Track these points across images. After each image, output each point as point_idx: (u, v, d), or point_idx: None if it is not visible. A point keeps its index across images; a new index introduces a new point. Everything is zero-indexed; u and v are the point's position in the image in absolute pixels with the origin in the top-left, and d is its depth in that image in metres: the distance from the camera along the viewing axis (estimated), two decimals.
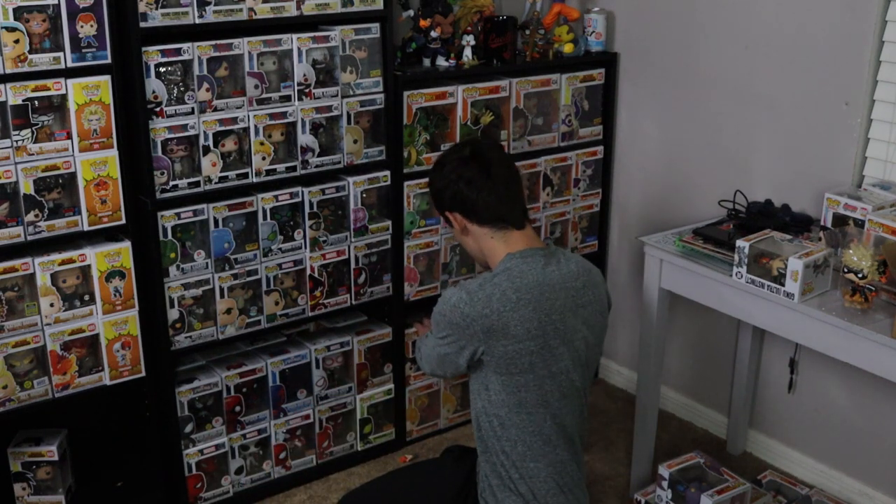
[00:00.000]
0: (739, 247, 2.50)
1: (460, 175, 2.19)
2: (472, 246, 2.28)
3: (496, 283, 2.11)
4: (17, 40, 2.34)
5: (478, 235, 2.23)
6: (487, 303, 2.08)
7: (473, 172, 2.19)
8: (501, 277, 2.13)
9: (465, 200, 2.20)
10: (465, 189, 2.18)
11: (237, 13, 2.62)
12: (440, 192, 2.25)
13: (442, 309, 2.15)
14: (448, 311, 2.13)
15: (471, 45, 3.11)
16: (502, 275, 2.13)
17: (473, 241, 2.25)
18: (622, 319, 3.68)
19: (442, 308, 2.15)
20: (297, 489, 3.11)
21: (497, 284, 2.11)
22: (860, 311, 2.34)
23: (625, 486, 3.11)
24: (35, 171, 2.44)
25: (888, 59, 2.67)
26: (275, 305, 2.90)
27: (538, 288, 2.12)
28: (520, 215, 2.23)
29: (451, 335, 2.14)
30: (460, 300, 2.10)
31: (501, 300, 2.08)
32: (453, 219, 2.25)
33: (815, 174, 2.87)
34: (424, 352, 2.27)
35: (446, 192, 2.22)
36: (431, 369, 2.27)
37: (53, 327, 2.56)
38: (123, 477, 2.99)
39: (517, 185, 2.25)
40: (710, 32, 3.12)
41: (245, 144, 2.73)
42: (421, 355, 2.31)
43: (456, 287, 2.16)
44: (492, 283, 2.12)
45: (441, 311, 2.16)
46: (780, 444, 3.22)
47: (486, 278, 2.14)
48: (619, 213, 3.61)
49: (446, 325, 2.14)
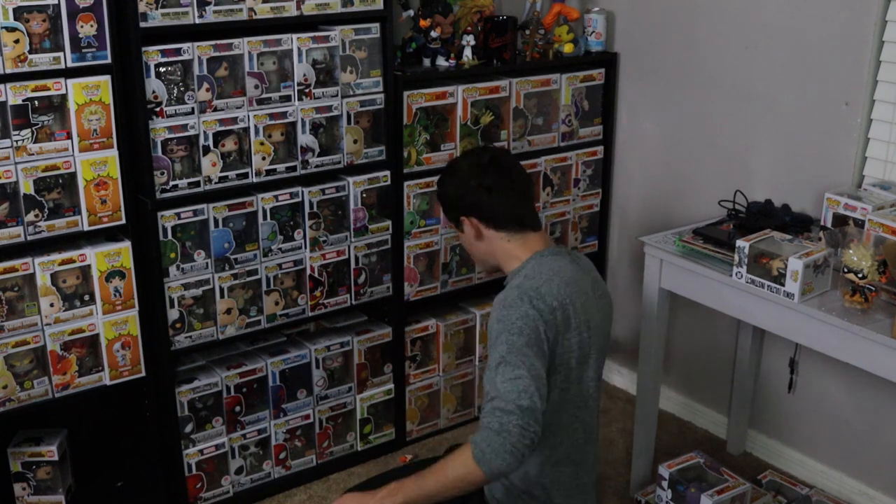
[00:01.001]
0: (739, 247, 2.50)
1: (481, 182, 2.20)
2: (481, 249, 2.27)
3: (548, 279, 2.09)
4: (17, 40, 2.34)
5: (492, 239, 2.22)
6: (554, 295, 2.06)
7: (494, 178, 2.20)
8: (546, 272, 2.11)
9: (484, 206, 2.20)
10: (485, 195, 2.19)
11: (237, 13, 2.62)
12: (458, 198, 2.24)
13: (518, 312, 2.01)
14: (527, 308, 2.01)
15: (471, 45, 3.11)
16: (545, 270, 2.12)
17: (486, 244, 2.24)
18: (622, 319, 3.68)
19: (517, 311, 2.01)
20: (297, 489, 3.11)
21: (549, 279, 2.09)
22: (860, 311, 2.34)
23: (625, 486, 3.11)
24: (35, 171, 2.44)
25: (888, 59, 2.67)
26: (275, 305, 2.90)
27: (576, 283, 2.14)
28: (536, 216, 2.27)
29: (533, 333, 2.00)
30: (531, 298, 2.03)
31: (561, 293, 2.07)
32: (469, 224, 2.23)
33: (815, 174, 2.87)
34: (511, 399, 1.91)
35: (466, 198, 2.22)
36: (530, 414, 1.90)
37: (53, 327, 2.56)
38: (123, 477, 3.00)
39: (532, 187, 2.31)
40: (710, 32, 3.12)
41: (245, 144, 2.73)
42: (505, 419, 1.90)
43: (509, 291, 2.07)
44: (543, 278, 2.09)
45: (518, 314, 2.01)
46: (780, 444, 3.22)
47: (534, 276, 2.10)
48: (619, 213, 3.61)
49: (529, 324, 2.00)
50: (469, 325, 3.36)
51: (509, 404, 1.90)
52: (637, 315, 3.19)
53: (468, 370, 3.42)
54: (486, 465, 1.88)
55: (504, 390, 1.92)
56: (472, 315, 3.37)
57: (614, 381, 3.76)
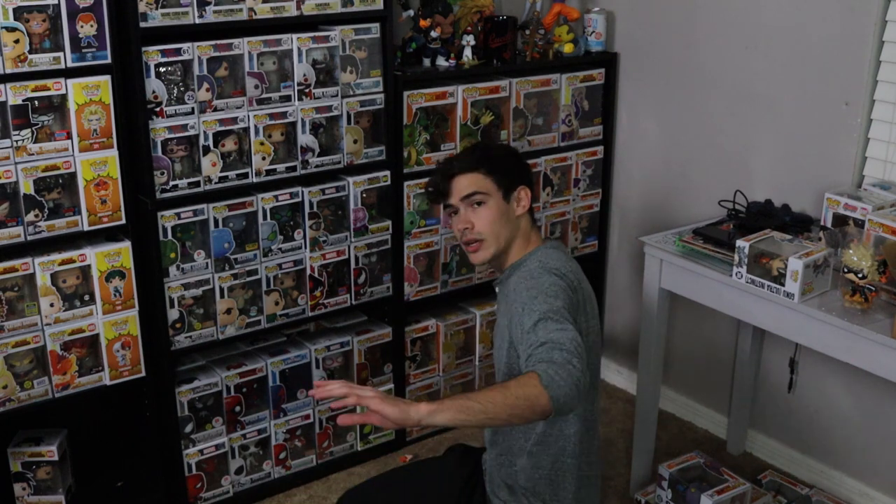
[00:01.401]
0: (739, 247, 2.50)
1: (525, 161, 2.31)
2: (510, 229, 2.22)
3: (563, 263, 2.12)
4: (17, 40, 2.34)
5: (525, 219, 2.25)
6: (573, 273, 2.10)
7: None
8: (556, 260, 2.13)
9: (531, 183, 2.27)
10: (530, 171, 2.29)
11: (237, 13, 2.62)
12: (519, 164, 2.29)
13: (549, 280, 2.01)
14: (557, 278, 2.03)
15: (471, 45, 3.11)
16: (554, 258, 2.14)
17: (515, 225, 2.23)
18: (622, 319, 3.68)
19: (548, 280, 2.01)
20: (297, 489, 3.11)
21: (564, 265, 2.11)
22: (860, 311, 2.34)
23: (625, 486, 3.11)
24: (35, 171, 2.44)
25: (888, 59, 2.67)
26: (275, 305, 2.90)
27: (581, 273, 2.17)
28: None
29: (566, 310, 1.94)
30: (557, 274, 2.05)
31: (576, 276, 2.11)
32: (525, 196, 2.24)
33: (815, 174, 2.87)
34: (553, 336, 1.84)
35: (526, 170, 2.29)
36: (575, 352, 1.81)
37: (53, 327, 2.56)
38: (123, 477, 2.99)
39: None
40: (710, 32, 3.12)
41: (245, 144, 2.73)
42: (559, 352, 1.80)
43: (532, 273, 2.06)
44: (558, 261, 2.12)
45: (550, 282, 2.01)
46: (780, 444, 3.22)
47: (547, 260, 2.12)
48: (619, 213, 3.61)
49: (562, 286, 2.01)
50: (469, 325, 3.36)
51: (565, 345, 1.81)
52: (637, 315, 3.19)
53: (468, 370, 3.42)
54: (554, 391, 1.72)
55: (556, 337, 1.83)
56: (472, 315, 3.37)
57: (614, 381, 3.76)
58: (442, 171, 2.29)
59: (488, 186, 2.21)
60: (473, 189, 2.20)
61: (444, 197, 2.26)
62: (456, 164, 2.26)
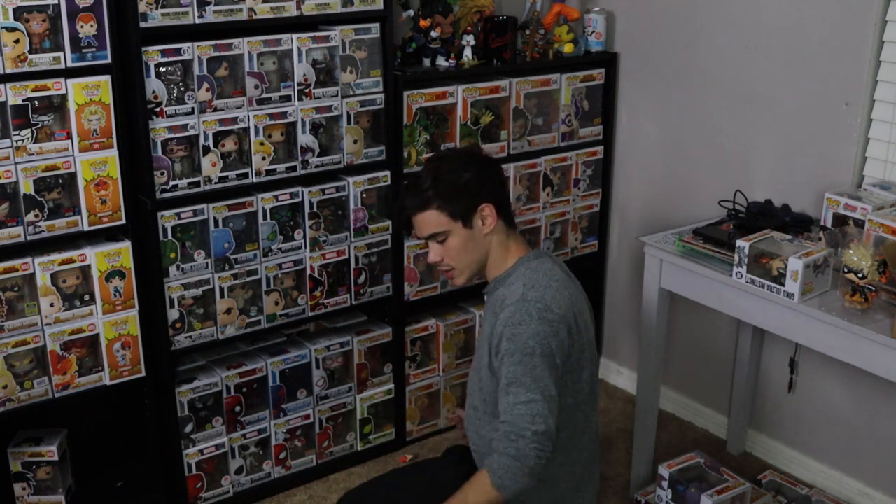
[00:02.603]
0: (739, 247, 2.50)
1: (491, 164, 2.17)
2: (479, 251, 2.16)
3: (547, 285, 2.07)
4: (17, 40, 2.34)
5: (496, 232, 2.15)
6: (560, 301, 2.05)
7: (496, 165, 2.19)
8: (543, 279, 2.08)
9: (499, 189, 2.16)
10: (497, 178, 2.15)
11: (237, 13, 2.62)
12: (475, 181, 2.11)
13: (529, 331, 2.00)
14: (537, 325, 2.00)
15: (471, 45, 3.11)
16: (541, 276, 2.09)
17: (485, 243, 2.15)
18: (622, 319, 3.68)
19: (528, 330, 2.00)
20: (297, 489, 3.11)
21: (548, 285, 2.07)
22: (860, 311, 2.34)
23: (625, 486, 3.11)
24: (35, 171, 2.44)
25: (888, 59, 2.67)
26: (275, 305, 2.90)
27: (570, 285, 2.15)
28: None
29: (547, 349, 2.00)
30: (540, 311, 2.01)
31: (564, 297, 2.07)
32: (489, 212, 2.12)
33: (815, 174, 2.87)
34: (526, 423, 1.95)
35: (486, 182, 2.12)
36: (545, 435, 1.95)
37: (53, 327, 2.56)
38: (123, 477, 2.99)
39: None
40: (710, 32, 3.12)
41: (245, 144, 2.73)
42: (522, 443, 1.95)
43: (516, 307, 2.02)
44: (543, 285, 2.07)
45: (530, 333, 2.00)
46: (780, 444, 3.22)
47: (533, 284, 2.07)
48: (619, 213, 3.61)
49: (542, 342, 2.00)
50: (469, 325, 3.36)
51: (524, 431, 1.94)
52: (637, 315, 3.19)
53: (468, 370, 3.40)
54: (505, 491, 1.96)
55: (517, 415, 1.96)
56: (472, 315, 3.37)
57: (614, 381, 3.76)
58: (398, 213, 2.24)
59: (444, 222, 2.11)
60: (431, 231, 2.13)
61: (412, 232, 2.21)
62: (408, 204, 2.15)
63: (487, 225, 2.13)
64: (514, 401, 1.97)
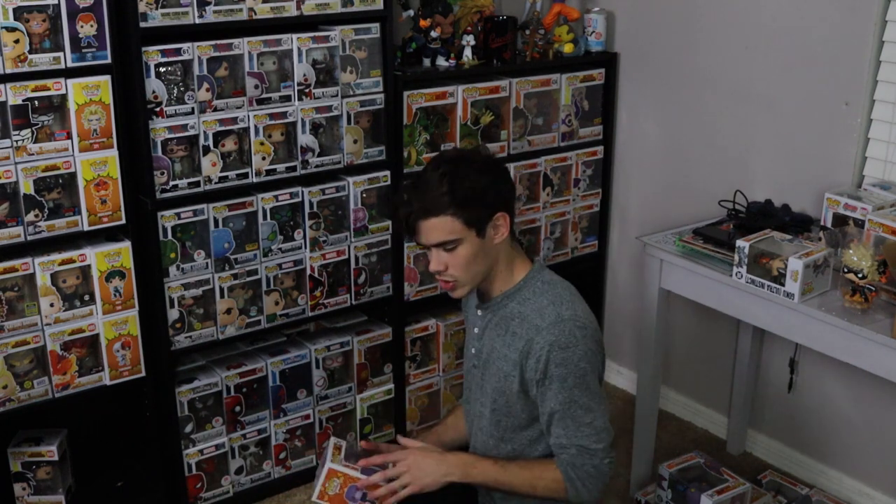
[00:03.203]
0: (739, 247, 2.50)
1: (505, 169, 2.06)
2: (488, 260, 2.04)
3: (572, 300, 2.04)
4: (17, 40, 2.34)
5: (505, 243, 2.04)
6: (591, 315, 2.05)
7: (508, 171, 2.10)
8: (565, 293, 2.05)
9: (512, 199, 2.07)
10: (510, 185, 2.06)
11: (237, 13, 2.62)
12: (492, 188, 1.98)
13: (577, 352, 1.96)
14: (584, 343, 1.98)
15: (471, 45, 3.11)
16: (561, 291, 2.05)
17: (495, 253, 2.04)
18: (622, 319, 3.68)
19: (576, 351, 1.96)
20: (297, 489, 3.11)
21: (573, 300, 2.03)
22: (860, 311, 2.34)
23: (625, 486, 3.11)
24: (35, 171, 2.44)
25: (888, 59, 2.67)
26: (275, 305, 2.90)
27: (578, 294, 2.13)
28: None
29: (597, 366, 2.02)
30: (580, 328, 1.98)
31: (587, 308, 2.07)
32: (504, 223, 2.01)
33: (815, 174, 2.87)
34: (596, 441, 2.00)
35: (502, 189, 2.00)
36: (612, 449, 2.04)
37: (53, 327, 2.56)
38: (123, 477, 2.99)
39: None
40: (710, 32, 3.12)
41: (245, 144, 2.73)
42: (596, 460, 2.01)
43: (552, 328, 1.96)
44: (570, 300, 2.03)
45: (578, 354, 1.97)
46: (780, 444, 3.22)
47: (560, 302, 2.01)
48: (619, 213, 3.61)
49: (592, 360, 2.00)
50: None
51: (596, 448, 2.01)
52: (637, 315, 3.19)
53: None
54: (576, 499, 2.03)
55: (585, 435, 2.00)
56: None
57: (614, 381, 3.76)
58: (405, 212, 2.00)
59: (459, 229, 1.96)
60: (442, 238, 1.97)
61: (413, 236, 2.04)
62: (416, 208, 1.97)
63: (500, 235, 2.02)
64: (577, 424, 2.00)
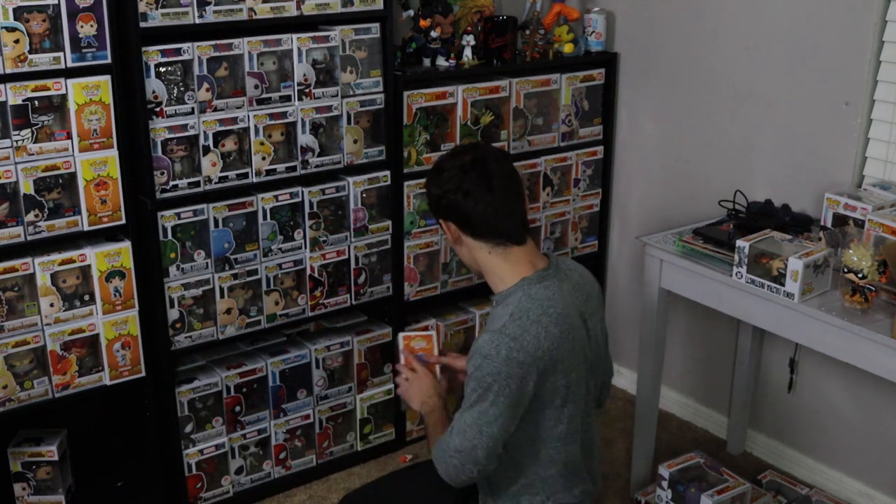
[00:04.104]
0: (739, 247, 2.50)
1: (458, 185, 2.03)
2: (465, 255, 2.14)
3: (536, 321, 1.97)
4: (17, 40, 2.34)
5: (472, 247, 2.09)
6: (538, 344, 1.96)
7: (472, 183, 2.02)
8: (535, 311, 1.99)
9: (461, 211, 2.04)
10: (461, 200, 2.02)
11: (237, 13, 2.62)
12: (437, 198, 2.09)
13: (492, 367, 1.95)
14: (501, 364, 1.94)
15: (471, 45, 3.11)
16: (534, 308, 1.99)
17: (467, 251, 2.11)
18: (622, 319, 3.68)
19: (491, 366, 1.95)
20: (297, 489, 3.11)
21: (537, 321, 1.97)
22: (860, 311, 2.34)
23: (625, 486, 3.11)
24: (35, 171, 2.44)
25: (888, 59, 2.67)
26: (275, 305, 2.90)
27: (567, 317, 2.03)
28: (520, 230, 2.08)
29: (505, 389, 1.96)
30: (510, 350, 1.94)
31: (548, 339, 1.98)
32: (447, 228, 2.11)
33: (815, 174, 2.87)
34: (456, 442, 2.02)
35: (442, 200, 2.06)
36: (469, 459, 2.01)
37: (53, 327, 2.56)
38: (123, 477, 2.99)
39: (519, 198, 2.09)
40: (710, 32, 3.12)
41: (245, 144, 2.73)
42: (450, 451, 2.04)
43: (491, 336, 1.97)
44: (530, 320, 1.97)
45: (491, 369, 1.95)
46: (780, 444, 3.22)
47: (521, 316, 1.98)
48: (619, 213, 3.61)
49: (501, 382, 1.95)
50: (469, 325, 3.36)
51: (450, 449, 2.04)
52: (637, 315, 3.19)
53: None
54: (441, 474, 2.11)
55: (457, 431, 2.04)
56: (472, 315, 3.36)
57: (614, 381, 3.74)
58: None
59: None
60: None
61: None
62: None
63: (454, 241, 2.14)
64: (464, 417, 2.02)
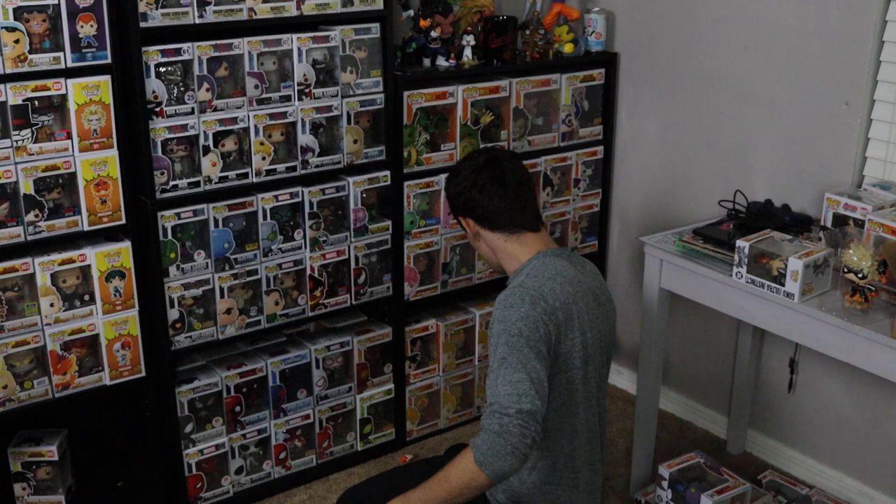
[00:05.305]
0: (739, 247, 2.50)
1: (474, 182, 2.24)
2: (484, 249, 2.32)
3: (551, 278, 2.12)
4: (17, 40, 2.34)
5: (490, 240, 2.27)
6: (555, 296, 2.09)
7: (486, 180, 2.23)
8: (550, 272, 2.14)
9: (477, 207, 2.25)
10: (477, 196, 2.23)
11: (237, 13, 2.62)
12: (454, 197, 2.30)
13: (519, 313, 2.03)
14: (528, 309, 2.03)
15: (471, 45, 3.11)
16: (548, 270, 2.14)
17: (486, 245, 2.29)
18: (622, 319, 3.65)
19: (518, 312, 2.03)
20: (297, 489, 3.11)
21: (552, 279, 2.12)
22: (860, 311, 2.34)
23: (625, 486, 3.11)
24: (35, 171, 2.44)
25: (888, 59, 2.67)
26: (275, 305, 2.90)
27: (581, 283, 2.17)
28: (533, 220, 2.27)
29: (535, 333, 2.02)
30: (533, 297, 2.06)
31: (563, 294, 2.10)
32: (466, 224, 2.30)
33: (815, 174, 2.87)
34: (505, 401, 1.94)
35: (460, 198, 2.28)
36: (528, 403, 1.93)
37: (53, 327, 2.56)
38: (123, 477, 3.00)
39: (530, 193, 2.29)
40: (710, 32, 3.12)
41: (245, 144, 2.73)
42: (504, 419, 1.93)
43: (511, 290, 2.10)
44: (546, 277, 2.12)
45: (519, 315, 2.03)
46: (780, 444, 3.22)
47: (537, 275, 2.13)
48: (619, 213, 3.61)
49: (531, 326, 2.02)
50: (469, 325, 3.36)
51: (509, 408, 1.92)
52: (637, 315, 3.19)
53: (468, 370, 3.42)
54: (488, 468, 1.90)
55: (504, 394, 1.94)
56: (472, 315, 3.37)
57: (614, 381, 3.76)
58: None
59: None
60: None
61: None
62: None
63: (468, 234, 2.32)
64: (502, 380, 1.96)
